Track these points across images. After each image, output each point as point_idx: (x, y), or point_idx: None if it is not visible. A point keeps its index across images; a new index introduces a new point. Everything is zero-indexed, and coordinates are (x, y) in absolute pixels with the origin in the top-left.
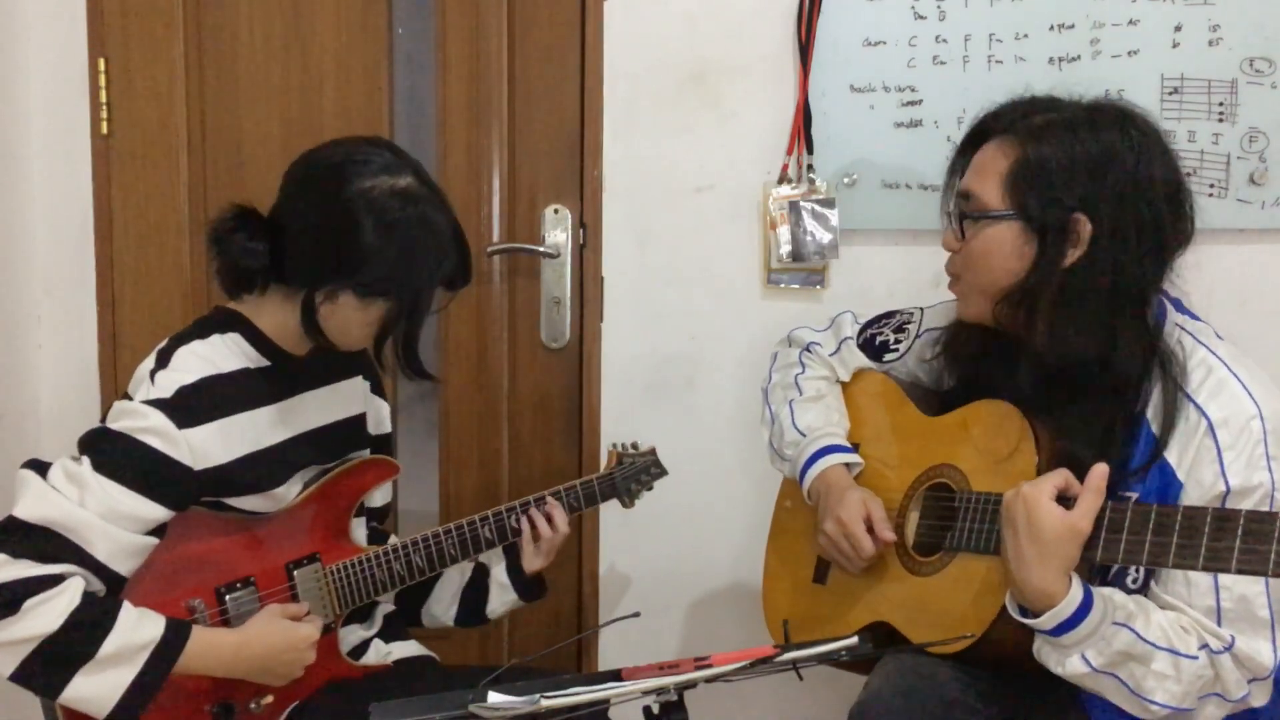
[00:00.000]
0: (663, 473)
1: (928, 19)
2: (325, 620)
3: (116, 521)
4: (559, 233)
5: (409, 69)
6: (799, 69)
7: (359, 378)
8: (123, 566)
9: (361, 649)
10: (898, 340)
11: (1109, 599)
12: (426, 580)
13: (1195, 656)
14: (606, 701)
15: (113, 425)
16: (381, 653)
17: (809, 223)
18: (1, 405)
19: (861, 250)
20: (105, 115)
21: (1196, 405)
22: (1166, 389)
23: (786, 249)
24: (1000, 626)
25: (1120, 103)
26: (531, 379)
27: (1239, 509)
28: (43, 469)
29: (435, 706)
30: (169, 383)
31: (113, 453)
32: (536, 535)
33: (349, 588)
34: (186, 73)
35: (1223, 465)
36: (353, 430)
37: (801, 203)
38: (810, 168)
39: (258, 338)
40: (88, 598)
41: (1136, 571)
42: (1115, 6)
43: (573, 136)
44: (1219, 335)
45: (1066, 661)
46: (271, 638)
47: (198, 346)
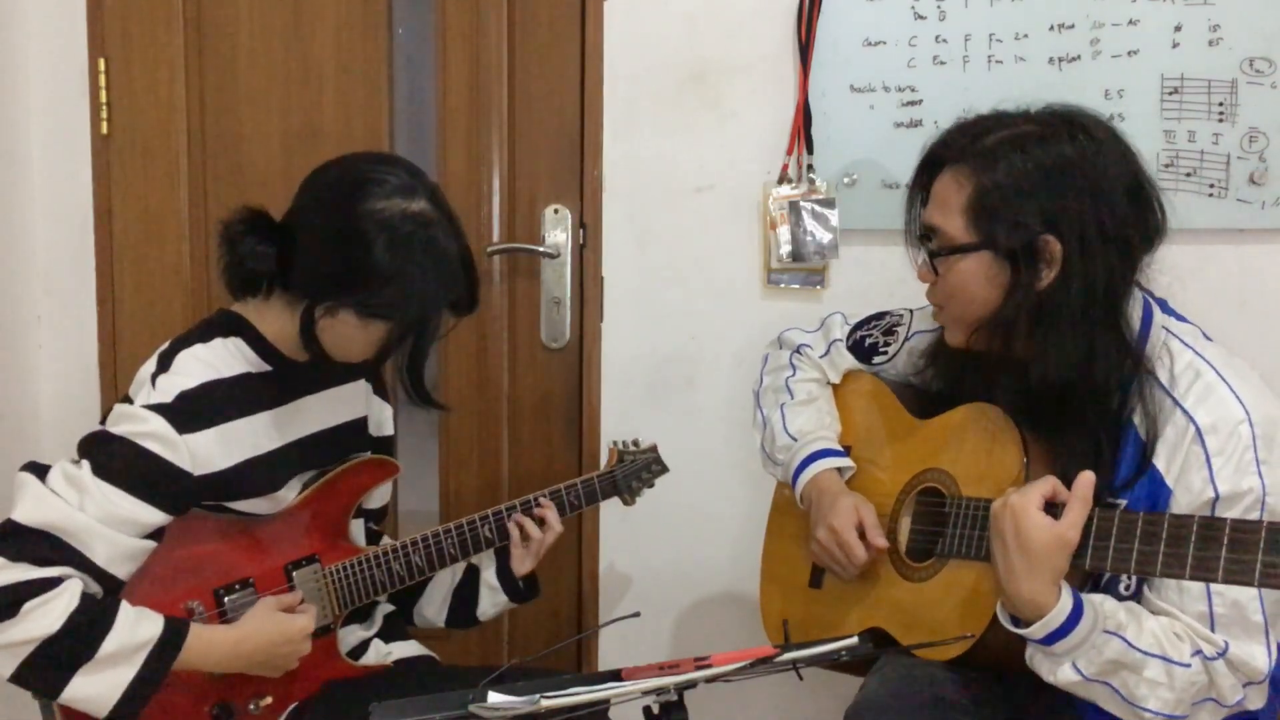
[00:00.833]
0: (664, 469)
1: (928, 19)
2: (325, 620)
3: (115, 526)
4: (559, 233)
5: (409, 69)
6: (799, 69)
7: (360, 380)
8: (121, 570)
9: (361, 649)
10: (887, 343)
11: (1099, 607)
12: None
13: (1188, 664)
14: (606, 701)
15: (113, 429)
16: (381, 653)
17: (809, 223)
18: (1, 405)
19: (861, 250)
20: (105, 115)
21: (1184, 411)
22: (1150, 393)
23: (786, 249)
24: (993, 632)
25: (1067, 108)
26: (531, 379)
27: (1224, 518)
28: (42, 472)
29: (435, 706)
30: (170, 387)
31: (113, 457)
32: (525, 537)
33: (348, 588)
34: (186, 73)
35: (1211, 471)
36: (354, 433)
37: (801, 203)
38: (810, 168)
39: (260, 342)
40: (86, 599)
41: (1129, 578)
42: (1115, 6)
43: (573, 136)
44: (1207, 336)
45: (1058, 670)
46: (268, 631)
47: (199, 350)
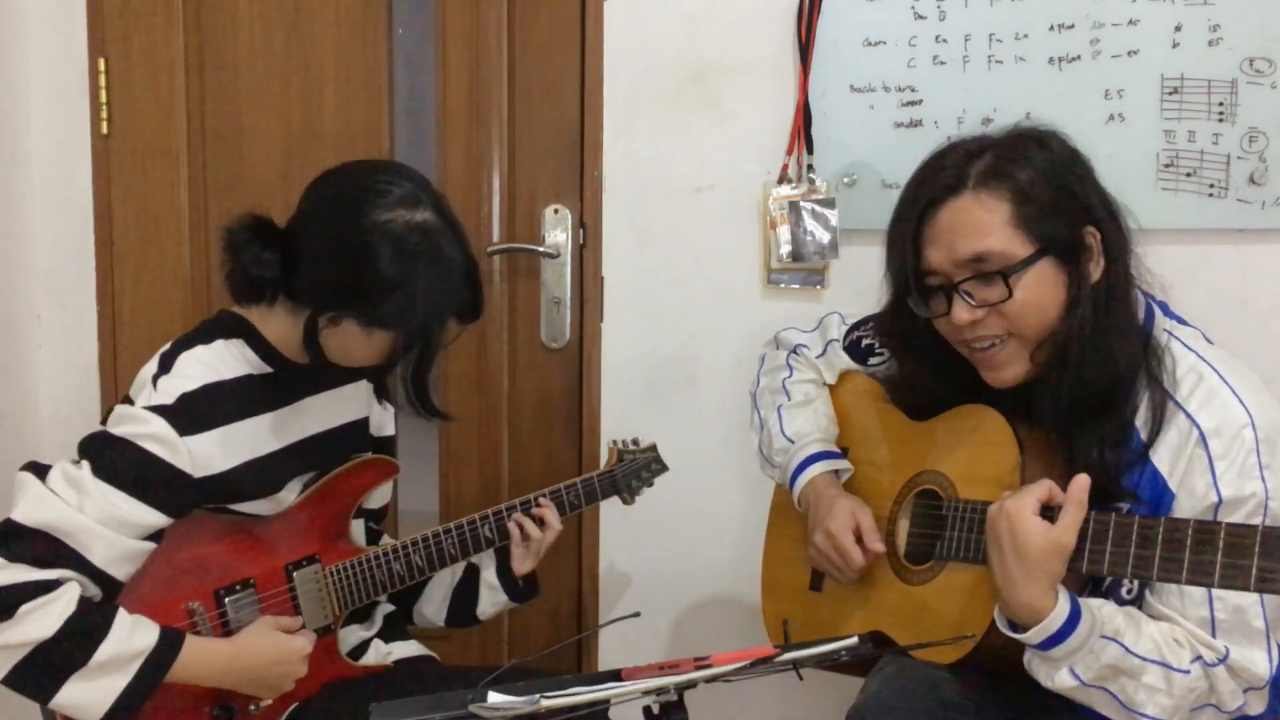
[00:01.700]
0: (664, 468)
1: (928, 19)
2: (325, 620)
3: (115, 527)
4: (559, 233)
5: (409, 69)
6: (799, 69)
7: (362, 381)
8: (119, 572)
9: (361, 649)
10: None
11: (1097, 612)
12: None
13: (1187, 670)
14: (606, 701)
15: (114, 430)
16: (381, 653)
17: (809, 223)
18: (1, 405)
19: (861, 250)
20: (105, 115)
21: (1188, 414)
22: (1154, 394)
23: (786, 249)
24: (993, 634)
25: (1017, 125)
26: (531, 379)
27: (1220, 522)
28: (41, 472)
29: (435, 706)
30: (171, 388)
31: (113, 458)
32: (525, 536)
33: (349, 588)
34: (186, 73)
35: (1215, 475)
36: (355, 434)
37: (801, 203)
38: (810, 168)
39: (261, 344)
40: (83, 604)
41: (1130, 582)
42: (1115, 6)
43: (573, 136)
44: (1208, 339)
45: (1055, 676)
46: (264, 649)
47: (201, 352)
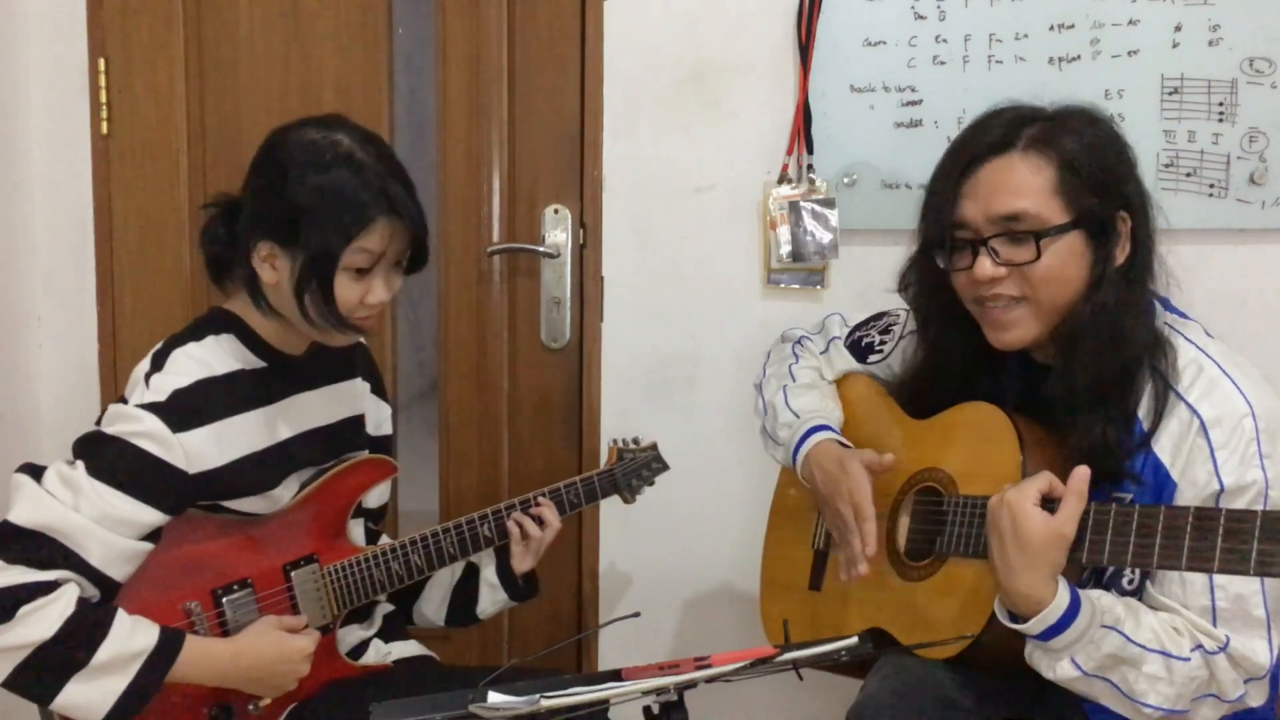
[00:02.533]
0: (664, 467)
1: (928, 19)
2: (323, 621)
3: (111, 527)
4: (559, 233)
5: (409, 69)
6: (799, 69)
7: (358, 379)
8: (117, 572)
9: (361, 649)
10: (883, 341)
11: (1097, 602)
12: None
13: (1188, 658)
14: (606, 701)
15: (107, 429)
16: (381, 653)
17: (809, 223)
18: (1, 405)
19: (861, 250)
20: (105, 115)
21: (1188, 404)
22: (1155, 385)
23: (786, 249)
24: (994, 630)
25: (1071, 101)
26: (531, 379)
27: (1220, 508)
28: (37, 473)
29: (435, 706)
30: (163, 386)
31: (107, 457)
32: (525, 535)
33: (347, 588)
34: (186, 73)
35: (1216, 464)
36: (350, 431)
37: (801, 203)
38: (810, 168)
39: (253, 338)
40: (82, 605)
41: (1133, 572)
42: (1115, 6)
43: (573, 136)
44: (1208, 333)
45: (1057, 666)
46: (265, 648)
47: (192, 349)
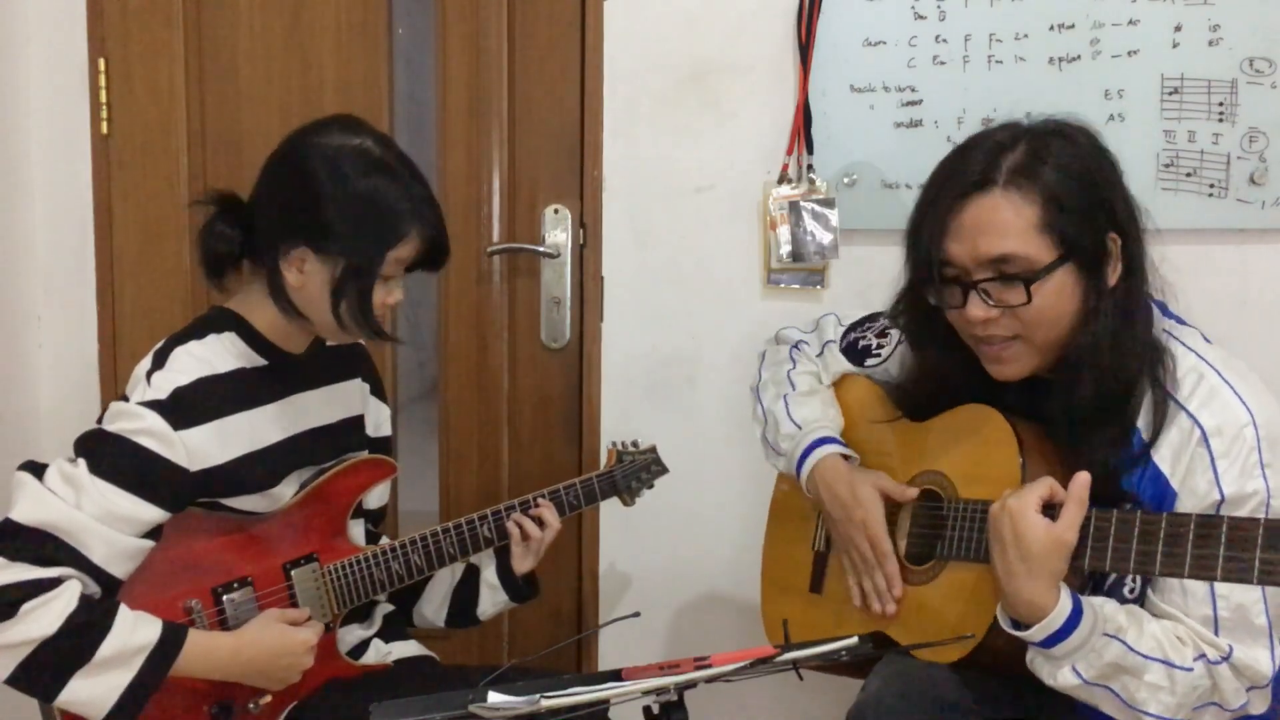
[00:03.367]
0: (663, 470)
1: (928, 19)
2: (324, 621)
3: (112, 524)
4: (559, 233)
5: (409, 70)
6: (799, 69)
7: (358, 379)
8: (119, 569)
9: (361, 649)
10: (880, 345)
11: (1099, 610)
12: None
13: (1190, 668)
14: (606, 701)
15: (108, 427)
16: (381, 652)
17: (809, 223)
18: (1, 405)
19: (861, 250)
20: (105, 115)
21: (1189, 413)
22: (1155, 394)
23: (786, 249)
24: (995, 633)
25: (1046, 118)
26: (531, 379)
27: (1222, 516)
28: (39, 471)
29: (435, 706)
30: (164, 384)
31: (108, 455)
32: (525, 536)
33: (347, 587)
34: (186, 73)
35: (1216, 474)
36: (351, 431)
37: (801, 203)
38: (810, 168)
39: (254, 336)
40: (84, 601)
41: (1134, 580)
42: (1115, 6)
43: (573, 136)
44: (1206, 339)
45: (1058, 674)
46: (268, 642)
47: (193, 347)
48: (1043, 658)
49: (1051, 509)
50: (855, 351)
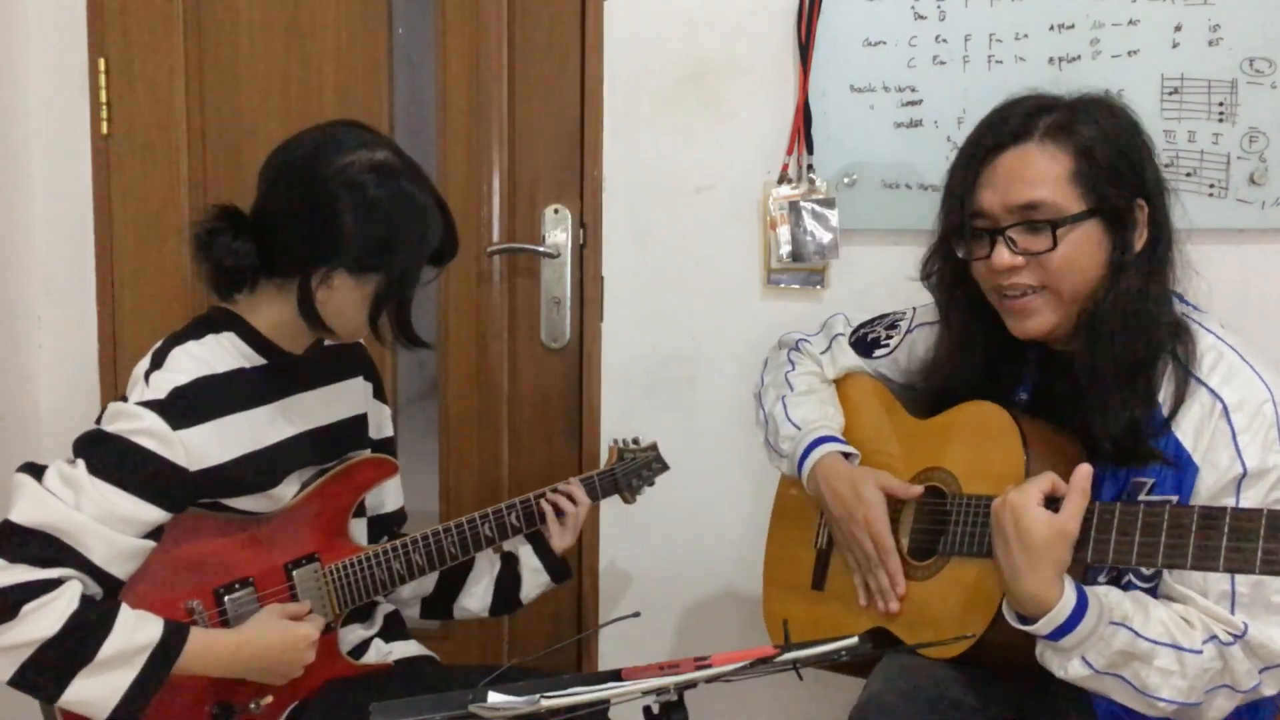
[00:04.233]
0: (665, 467)
1: (928, 19)
2: (325, 620)
3: (113, 525)
4: (559, 233)
5: (409, 69)
6: (799, 69)
7: (359, 379)
8: (120, 570)
9: (361, 649)
10: (889, 336)
11: (1104, 599)
12: (457, 576)
13: (1199, 650)
14: (606, 701)
15: (107, 427)
16: (381, 652)
17: (809, 223)
18: (1, 406)
19: (861, 250)
20: (105, 115)
21: (1210, 389)
22: (1175, 370)
23: (786, 249)
24: (998, 629)
25: (1087, 90)
26: (531, 379)
27: (1225, 507)
28: (38, 472)
29: (435, 706)
30: (163, 384)
31: (107, 455)
32: (560, 512)
33: (348, 587)
34: (186, 73)
35: (1238, 448)
36: (352, 431)
37: (801, 203)
38: (810, 168)
39: (253, 336)
40: (86, 601)
41: None
42: (1115, 6)
43: (573, 136)
44: (1222, 325)
45: (1068, 665)
46: (270, 637)
47: (192, 347)
48: (1052, 650)
49: (1054, 503)
50: (864, 344)
